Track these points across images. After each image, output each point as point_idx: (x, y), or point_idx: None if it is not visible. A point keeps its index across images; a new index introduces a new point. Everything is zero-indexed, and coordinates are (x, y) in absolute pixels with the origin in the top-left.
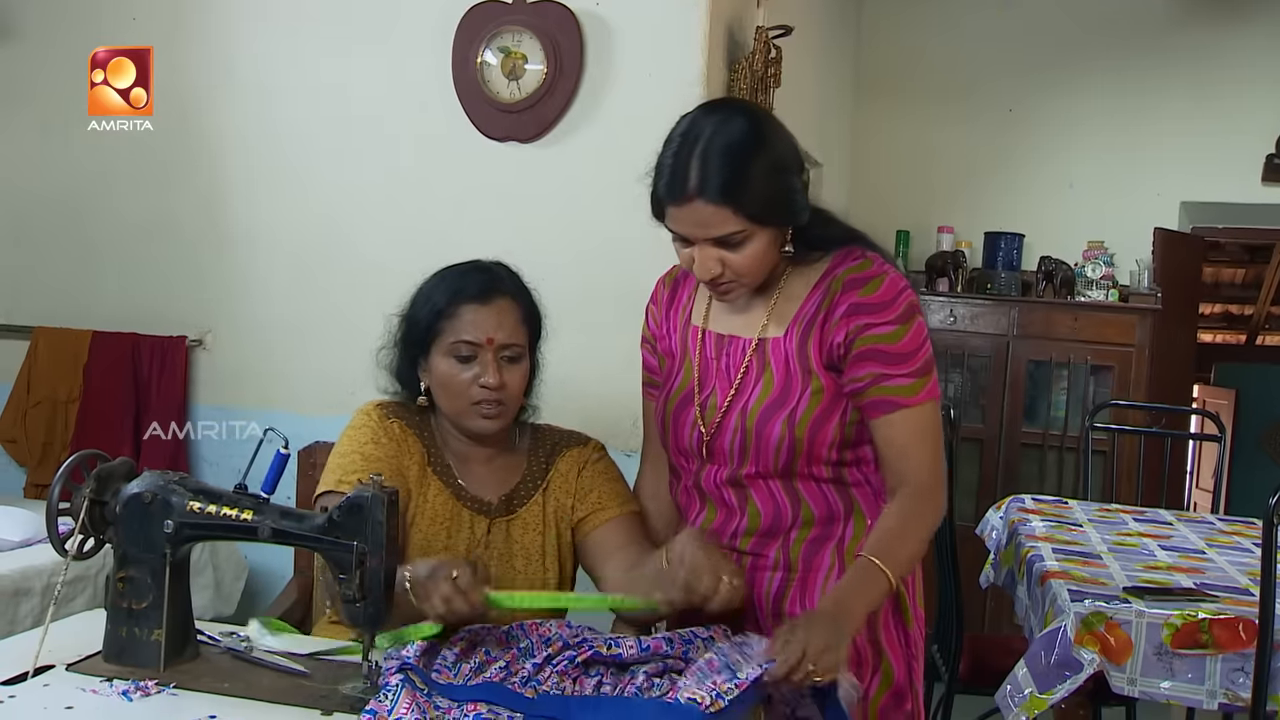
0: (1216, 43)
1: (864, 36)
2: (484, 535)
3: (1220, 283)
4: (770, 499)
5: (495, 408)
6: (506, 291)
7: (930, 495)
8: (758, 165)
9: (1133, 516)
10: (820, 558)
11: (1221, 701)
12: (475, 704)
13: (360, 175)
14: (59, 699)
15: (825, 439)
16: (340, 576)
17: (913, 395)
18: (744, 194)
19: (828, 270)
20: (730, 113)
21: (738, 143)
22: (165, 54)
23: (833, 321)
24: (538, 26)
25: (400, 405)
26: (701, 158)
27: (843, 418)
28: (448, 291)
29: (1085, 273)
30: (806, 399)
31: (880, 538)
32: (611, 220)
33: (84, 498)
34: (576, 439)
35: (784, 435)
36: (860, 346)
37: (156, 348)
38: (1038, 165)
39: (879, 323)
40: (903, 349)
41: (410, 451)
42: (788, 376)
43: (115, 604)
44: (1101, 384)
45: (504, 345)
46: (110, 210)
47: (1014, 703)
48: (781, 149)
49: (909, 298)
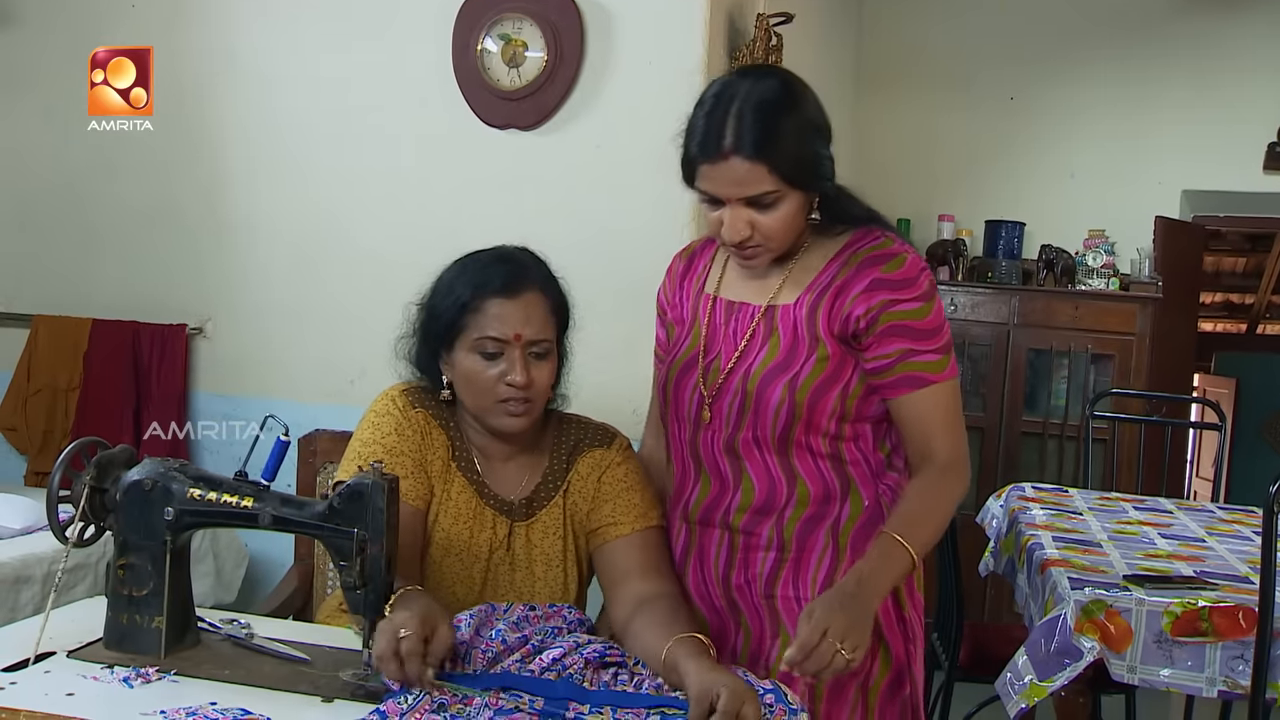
0: (1218, 31)
1: (865, 24)
2: (505, 537)
3: (1221, 271)
4: (765, 473)
5: (522, 405)
6: (534, 283)
7: (956, 471)
8: (791, 123)
9: (1133, 505)
10: (814, 538)
11: (1221, 689)
12: (495, 692)
13: (360, 163)
14: (60, 686)
15: (825, 408)
16: (341, 564)
17: (939, 371)
18: (778, 151)
19: (847, 244)
20: (762, 74)
21: (771, 101)
22: (165, 43)
23: (851, 295)
24: (538, 14)
25: (425, 392)
26: (737, 116)
27: (845, 389)
28: (471, 283)
29: (1086, 261)
30: (811, 365)
31: (904, 514)
32: (612, 207)
33: (84, 485)
34: (600, 437)
35: (784, 399)
36: (886, 322)
37: (157, 336)
38: (1039, 154)
39: (905, 299)
40: (929, 325)
41: (434, 444)
42: (794, 342)
43: (116, 591)
44: (1102, 373)
45: (532, 341)
46: (111, 198)
47: (1014, 690)
48: (813, 112)
49: (929, 276)
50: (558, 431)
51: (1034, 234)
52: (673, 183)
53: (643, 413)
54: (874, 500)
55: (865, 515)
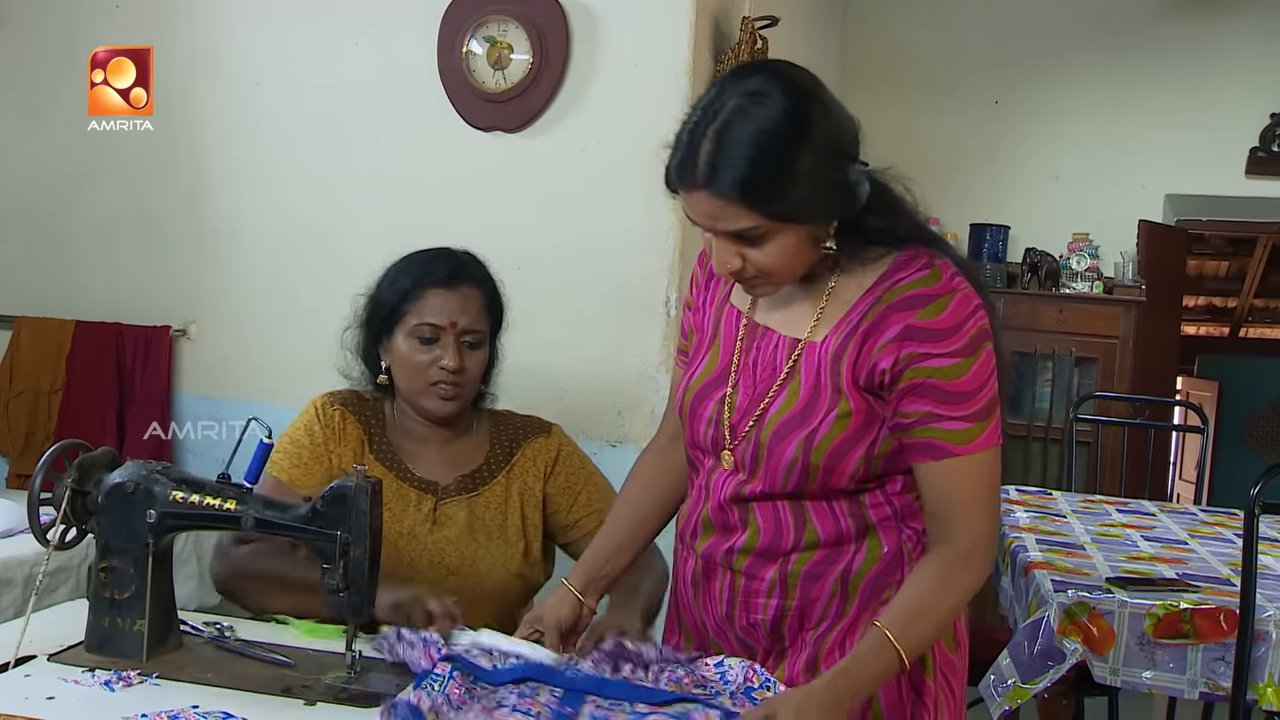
0: (1202, 36)
1: (850, 28)
2: (430, 511)
3: (1204, 275)
4: (773, 517)
5: (453, 389)
6: (472, 279)
7: (975, 560)
8: (787, 157)
9: (1116, 507)
10: (821, 586)
11: (1202, 691)
12: (516, 684)
13: (345, 164)
14: (40, 689)
15: (846, 469)
16: (324, 566)
17: (967, 442)
18: (762, 191)
19: (885, 274)
20: (766, 87)
21: (764, 130)
22: (149, 45)
23: (880, 342)
24: (523, 16)
25: (352, 393)
26: (715, 141)
27: (870, 449)
28: (414, 274)
29: (1070, 265)
30: (830, 422)
31: (904, 605)
32: (597, 210)
33: (66, 487)
34: (537, 426)
35: (797, 458)
36: (911, 379)
37: (140, 338)
38: (1023, 157)
39: (938, 354)
40: (962, 387)
41: (347, 438)
42: (815, 390)
43: (97, 594)
44: (1086, 376)
45: (466, 330)
46: (94, 200)
47: (997, 693)
48: (825, 135)
49: (979, 322)
50: (495, 423)
51: (1019, 237)
52: (658, 186)
53: (627, 415)
54: (895, 547)
55: (882, 563)
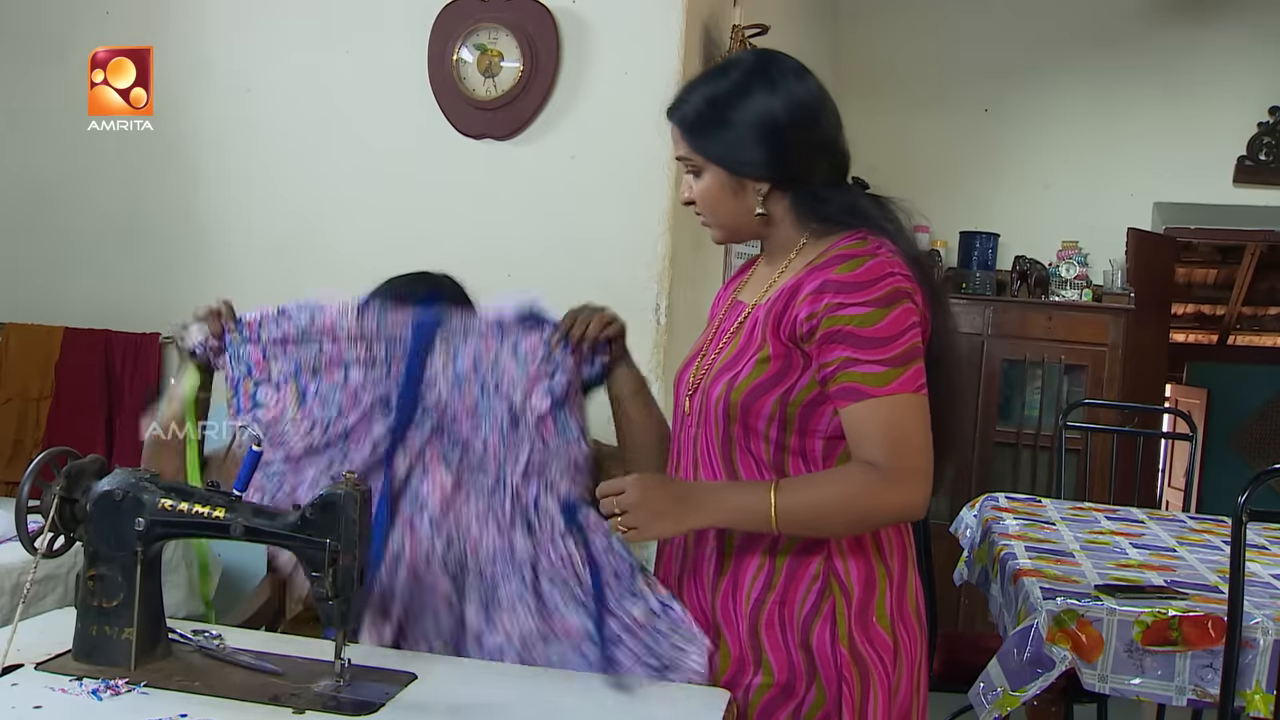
0: (1190, 45)
1: (840, 36)
2: None
3: (1193, 283)
4: (712, 478)
5: None
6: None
7: (897, 484)
8: (725, 107)
9: (1105, 515)
10: (751, 557)
11: (1190, 698)
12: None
13: (335, 172)
14: (28, 698)
15: (761, 410)
16: (313, 574)
17: (883, 385)
18: (696, 126)
19: (830, 246)
20: (745, 58)
21: (720, 83)
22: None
23: (801, 296)
24: (514, 24)
25: None
26: (688, 87)
27: (786, 394)
28: (392, 300)
29: (1059, 272)
30: (751, 365)
31: (802, 479)
32: (586, 218)
33: (54, 495)
34: None
35: (721, 395)
36: (828, 326)
37: (129, 344)
38: (1013, 165)
39: (852, 303)
40: (876, 334)
41: None
42: (748, 342)
43: (85, 602)
44: (1075, 383)
45: None
46: (83, 205)
47: (986, 700)
48: (783, 101)
49: (895, 282)
50: None
51: (1008, 245)
52: (648, 192)
53: None
54: None
55: (807, 539)
